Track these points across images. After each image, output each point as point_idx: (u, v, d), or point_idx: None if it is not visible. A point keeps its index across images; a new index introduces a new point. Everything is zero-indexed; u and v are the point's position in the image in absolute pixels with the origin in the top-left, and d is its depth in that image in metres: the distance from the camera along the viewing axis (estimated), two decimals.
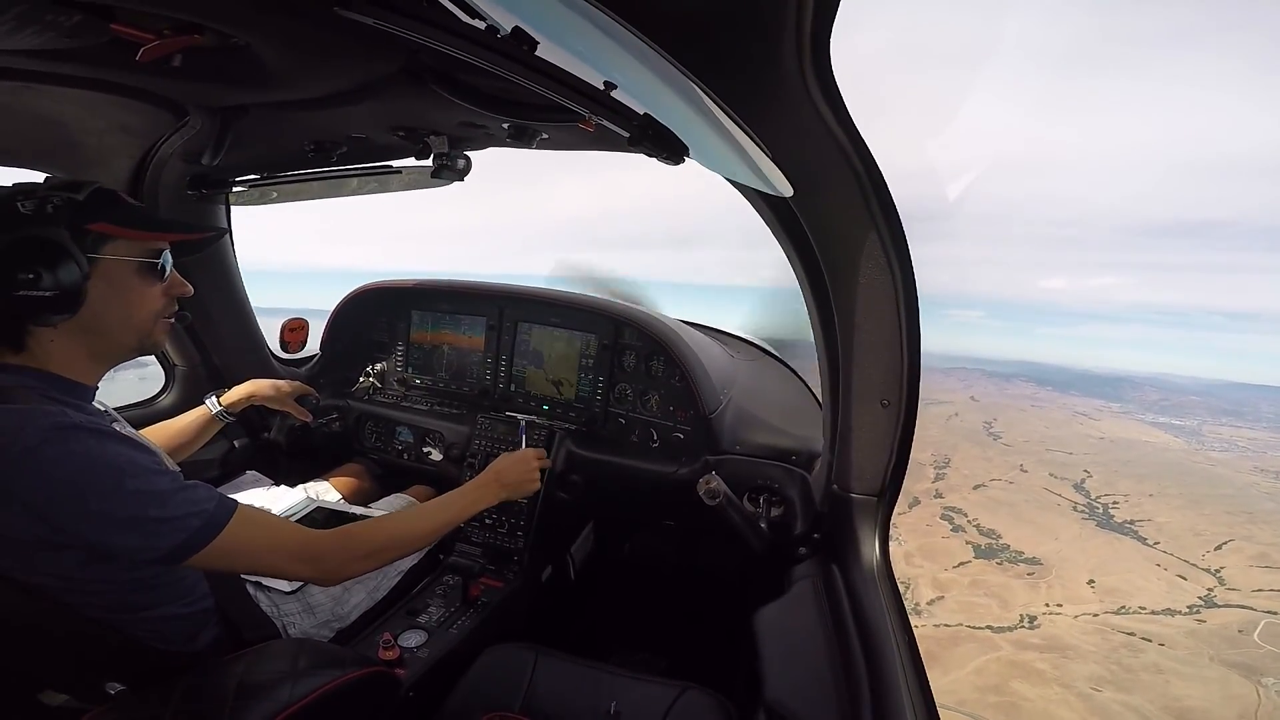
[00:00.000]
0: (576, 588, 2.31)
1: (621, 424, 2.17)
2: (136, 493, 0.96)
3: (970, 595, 40.63)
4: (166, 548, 0.98)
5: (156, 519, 0.97)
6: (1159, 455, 74.98)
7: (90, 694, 1.07)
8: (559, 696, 1.40)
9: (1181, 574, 45.81)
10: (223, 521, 1.03)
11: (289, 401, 1.91)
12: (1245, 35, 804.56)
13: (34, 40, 0.82)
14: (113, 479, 0.95)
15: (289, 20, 0.87)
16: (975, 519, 51.36)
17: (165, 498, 0.98)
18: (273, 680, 1.10)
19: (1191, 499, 58.20)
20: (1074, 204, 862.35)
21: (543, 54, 0.70)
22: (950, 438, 73.98)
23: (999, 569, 44.63)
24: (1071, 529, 52.31)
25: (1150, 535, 51.34)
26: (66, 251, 1.00)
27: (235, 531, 1.04)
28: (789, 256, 1.38)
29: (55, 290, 1.00)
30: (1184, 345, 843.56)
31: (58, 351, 1.06)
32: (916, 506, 53.21)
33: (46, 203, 1.01)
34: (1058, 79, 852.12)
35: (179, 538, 0.99)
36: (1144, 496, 58.36)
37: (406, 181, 1.89)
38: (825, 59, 0.81)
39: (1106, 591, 42.85)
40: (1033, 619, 38.86)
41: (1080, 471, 64.79)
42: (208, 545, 1.01)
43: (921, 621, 36.65)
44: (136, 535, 0.96)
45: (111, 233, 1.07)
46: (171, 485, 1.01)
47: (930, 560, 44.59)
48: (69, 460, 0.93)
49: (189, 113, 1.39)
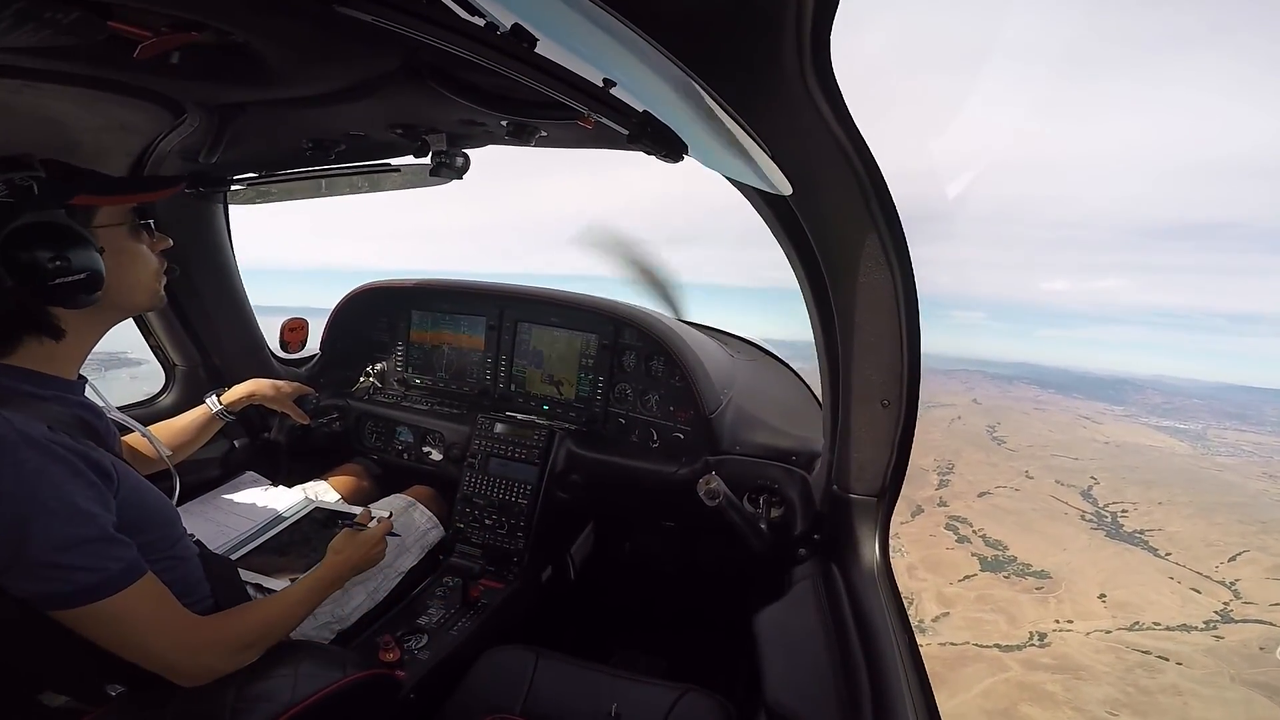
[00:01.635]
0: (577, 589, 2.31)
1: (621, 424, 2.17)
2: (45, 533, 0.90)
3: (977, 611, 38.65)
4: (41, 592, 0.91)
5: (44, 564, 0.90)
6: (1166, 461, 73.17)
7: (90, 695, 1.06)
8: (559, 698, 1.40)
9: (1195, 587, 43.41)
10: (118, 586, 0.96)
11: (288, 402, 1.91)
12: (1247, 36, 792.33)
13: (30, 37, 0.82)
14: (25, 515, 0.89)
15: (287, 17, 0.87)
16: (981, 529, 49.10)
17: (69, 545, 0.92)
18: (273, 682, 1.10)
19: (1202, 507, 55.49)
20: (1076, 205, 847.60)
21: (542, 51, 0.69)
22: (953, 442, 72.29)
23: (1006, 583, 42.60)
24: (1080, 539, 50.18)
25: (1161, 546, 48.83)
26: (73, 230, 1.00)
27: (126, 598, 0.96)
28: (789, 256, 1.37)
29: (85, 270, 0.99)
30: (1185, 347, 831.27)
31: (77, 330, 1.07)
32: (920, 515, 51.01)
33: (14, 184, 0.97)
34: (1059, 79, 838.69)
35: (61, 588, 0.91)
36: (1153, 505, 55.96)
37: (405, 180, 1.88)
38: (825, 57, 0.81)
39: (1118, 606, 40.81)
40: (1042, 636, 36.83)
41: (1087, 478, 62.82)
42: (89, 605, 0.93)
43: (927, 640, 34.60)
44: (25, 578, 0.90)
45: (95, 203, 1.07)
46: (88, 532, 0.94)
47: (935, 573, 42.44)
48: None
49: (187, 110, 1.38)
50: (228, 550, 1.64)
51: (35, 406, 1.01)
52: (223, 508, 1.89)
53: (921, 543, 46.57)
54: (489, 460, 2.15)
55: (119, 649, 0.99)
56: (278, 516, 1.84)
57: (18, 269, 0.95)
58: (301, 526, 1.82)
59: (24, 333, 1.03)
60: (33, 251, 0.95)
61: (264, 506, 1.89)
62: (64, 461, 0.96)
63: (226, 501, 1.92)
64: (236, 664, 1.10)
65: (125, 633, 0.98)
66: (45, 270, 0.95)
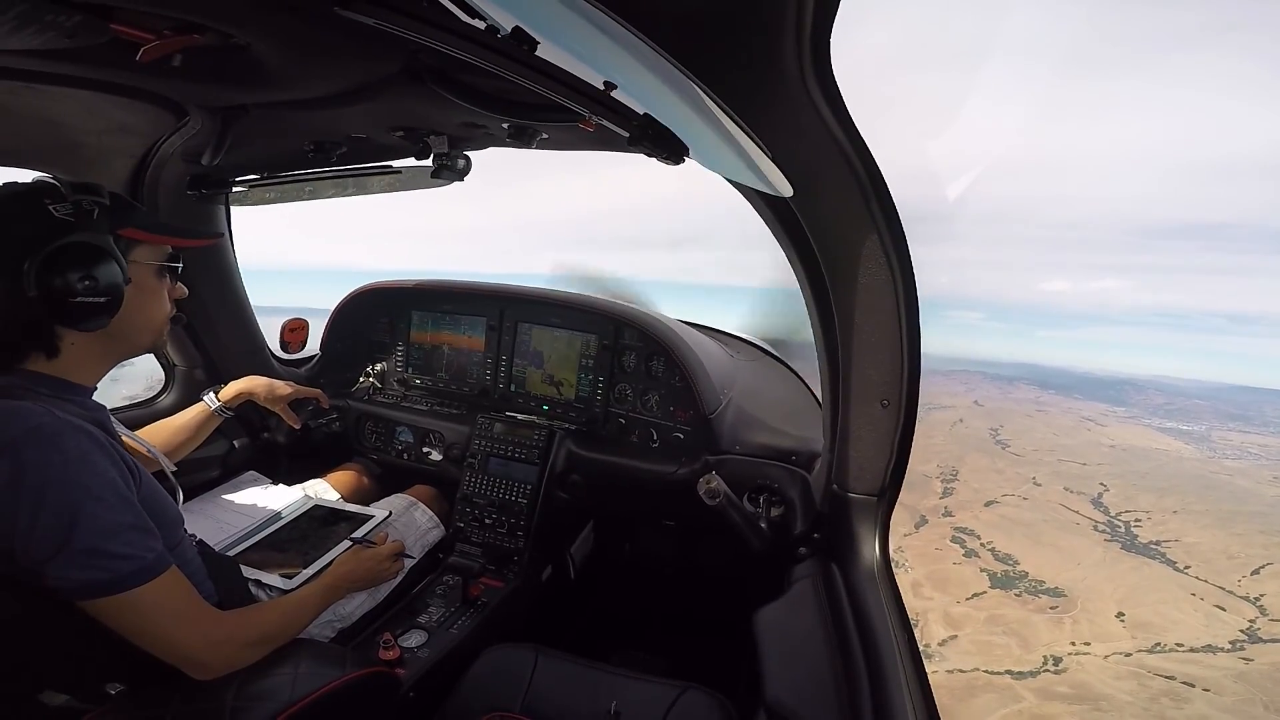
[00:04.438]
0: (577, 587, 2.31)
1: (621, 424, 2.17)
2: (92, 519, 0.93)
3: (987, 634, 35.67)
4: (82, 580, 0.94)
5: (89, 550, 0.93)
6: (1175, 465, 70.39)
7: (90, 694, 1.06)
8: (559, 697, 1.40)
9: (1219, 604, 40.75)
10: (154, 573, 0.99)
11: (281, 404, 1.91)
12: (1249, 35, 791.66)
13: (34, 40, 0.82)
14: (75, 501, 0.93)
15: (289, 20, 0.87)
16: (989, 542, 46.25)
17: (114, 531, 0.96)
18: (273, 680, 1.10)
19: (1219, 516, 53.25)
20: (1076, 205, 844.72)
21: (543, 54, 0.70)
22: (957, 447, 69.86)
23: (1018, 601, 39.77)
24: (1094, 552, 47.18)
25: (1179, 558, 46.02)
26: (113, 257, 1.04)
27: (158, 587, 1.00)
28: (789, 257, 1.38)
29: (109, 295, 1.03)
30: (1185, 347, 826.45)
31: (74, 354, 1.08)
32: (924, 526, 48.33)
33: (81, 206, 1.02)
34: (1059, 79, 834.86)
35: (101, 575, 0.94)
36: (1167, 513, 53.16)
37: (406, 181, 1.89)
38: (825, 58, 0.82)
39: (1138, 626, 37.69)
40: (1058, 661, 33.98)
41: (1096, 485, 59.80)
42: (126, 593, 0.96)
43: (934, 666, 31.79)
44: (70, 565, 0.92)
45: (139, 238, 1.12)
46: (129, 519, 0.99)
47: (941, 591, 39.76)
48: (46, 468, 0.92)
49: (189, 113, 1.39)
50: (227, 546, 1.66)
51: (59, 407, 1.02)
52: (223, 506, 1.90)
53: (927, 557, 44.19)
54: (489, 460, 2.15)
55: (143, 639, 1.02)
56: (277, 514, 1.85)
57: (49, 281, 0.98)
58: (300, 523, 1.83)
59: (29, 346, 1.05)
60: (71, 268, 0.99)
61: (264, 505, 1.90)
62: (104, 449, 1.00)
63: (227, 501, 1.93)
64: (252, 658, 1.14)
65: (153, 622, 1.01)
66: (72, 287, 0.99)
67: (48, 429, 0.95)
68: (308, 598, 1.38)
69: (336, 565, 1.54)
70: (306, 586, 1.44)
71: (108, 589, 0.95)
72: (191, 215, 1.87)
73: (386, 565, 1.65)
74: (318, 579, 1.48)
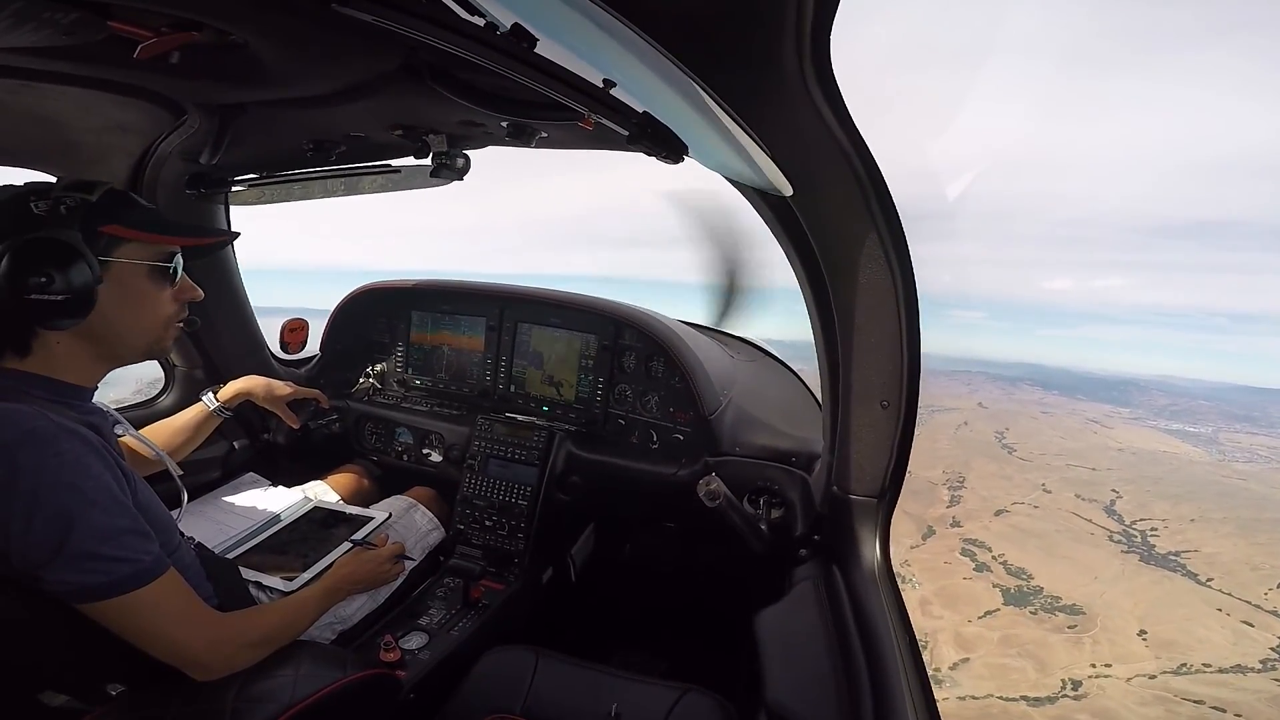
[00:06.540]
0: (577, 589, 2.31)
1: (621, 425, 2.17)
2: (88, 523, 0.93)
3: (1001, 656, 32.94)
4: (80, 583, 0.93)
5: (85, 554, 0.92)
6: (1187, 470, 65.98)
7: (91, 695, 1.06)
8: (560, 698, 1.40)
9: (1246, 619, 37.49)
10: (153, 576, 0.99)
11: (280, 404, 1.89)
12: (1250, 35, 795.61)
13: (31, 37, 0.82)
14: (70, 505, 0.92)
15: (287, 17, 0.87)
16: (1001, 554, 43.02)
17: (110, 535, 0.95)
18: (274, 682, 1.10)
19: (1240, 525, 49.05)
20: (1078, 203, 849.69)
21: (542, 51, 0.69)
22: (963, 452, 66.08)
23: (1033, 620, 36.74)
24: (1112, 565, 43.81)
25: (1201, 570, 42.61)
26: (78, 254, 0.99)
27: (157, 590, 0.99)
28: (789, 256, 1.37)
29: (67, 294, 0.98)
30: (1187, 347, 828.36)
31: (62, 355, 1.05)
32: (932, 538, 45.06)
33: (60, 204, 0.99)
34: (1061, 77, 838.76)
35: (98, 579, 0.94)
36: (1185, 522, 49.28)
37: (405, 181, 1.89)
38: (825, 57, 0.81)
39: (1162, 645, 34.56)
40: (1077, 685, 31.32)
41: (1108, 491, 55.85)
42: (124, 595, 0.96)
43: (945, 693, 29.38)
44: (66, 569, 0.92)
45: (123, 235, 1.06)
46: (125, 523, 0.98)
47: (951, 609, 36.72)
48: (41, 472, 0.92)
49: (187, 111, 1.39)
50: (227, 549, 1.65)
51: (54, 410, 1.01)
52: (223, 508, 1.89)
53: (936, 571, 41.00)
54: (489, 461, 2.14)
55: (144, 641, 1.01)
56: (277, 516, 1.85)
57: (9, 277, 0.95)
58: (300, 526, 1.82)
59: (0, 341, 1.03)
60: (27, 264, 0.95)
61: (264, 507, 1.89)
62: (99, 453, 0.99)
63: (227, 503, 1.92)
64: (252, 660, 1.13)
65: (153, 624, 1.00)
66: (27, 284, 0.95)
67: (42, 432, 0.94)
68: (308, 599, 1.37)
69: (337, 567, 1.54)
70: (307, 588, 1.44)
71: (106, 592, 0.95)
72: (191, 214, 1.87)
73: (387, 567, 1.64)
74: (318, 581, 1.47)
